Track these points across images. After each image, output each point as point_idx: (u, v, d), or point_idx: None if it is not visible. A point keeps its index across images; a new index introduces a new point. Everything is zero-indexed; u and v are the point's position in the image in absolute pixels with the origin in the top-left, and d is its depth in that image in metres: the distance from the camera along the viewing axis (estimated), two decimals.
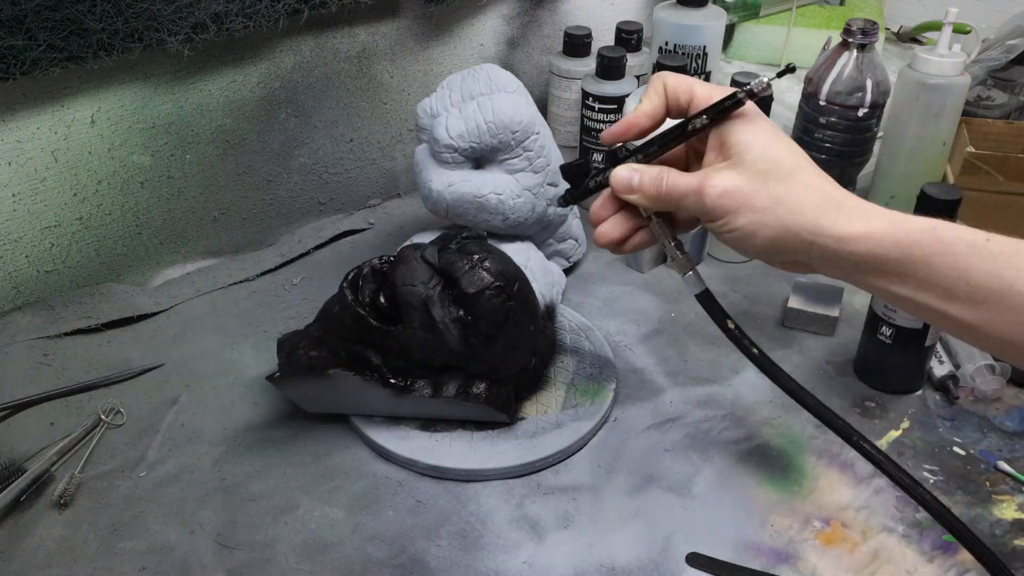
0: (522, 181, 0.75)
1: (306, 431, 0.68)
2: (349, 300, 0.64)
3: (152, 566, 0.57)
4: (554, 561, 0.58)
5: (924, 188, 0.67)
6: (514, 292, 0.63)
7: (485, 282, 0.62)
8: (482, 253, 0.64)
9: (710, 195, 0.49)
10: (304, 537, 0.60)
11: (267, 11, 0.78)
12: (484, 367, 0.65)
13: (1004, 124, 0.92)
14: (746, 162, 0.49)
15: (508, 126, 0.72)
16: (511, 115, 0.72)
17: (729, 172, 0.49)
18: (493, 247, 0.66)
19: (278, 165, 0.90)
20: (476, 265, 0.62)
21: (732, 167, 0.49)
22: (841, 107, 0.82)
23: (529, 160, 0.74)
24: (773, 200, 0.48)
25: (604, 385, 0.71)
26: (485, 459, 0.64)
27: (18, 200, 0.75)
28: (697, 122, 0.51)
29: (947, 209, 0.66)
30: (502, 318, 0.62)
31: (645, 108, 0.53)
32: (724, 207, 0.49)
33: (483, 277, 0.62)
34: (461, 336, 0.62)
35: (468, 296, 0.62)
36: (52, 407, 0.70)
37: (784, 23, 1.12)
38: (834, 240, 0.48)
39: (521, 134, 0.73)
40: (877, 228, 0.47)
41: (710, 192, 0.49)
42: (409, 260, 0.64)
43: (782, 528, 0.61)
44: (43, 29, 0.67)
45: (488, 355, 0.64)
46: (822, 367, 0.76)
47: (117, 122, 0.77)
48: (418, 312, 0.62)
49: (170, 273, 0.87)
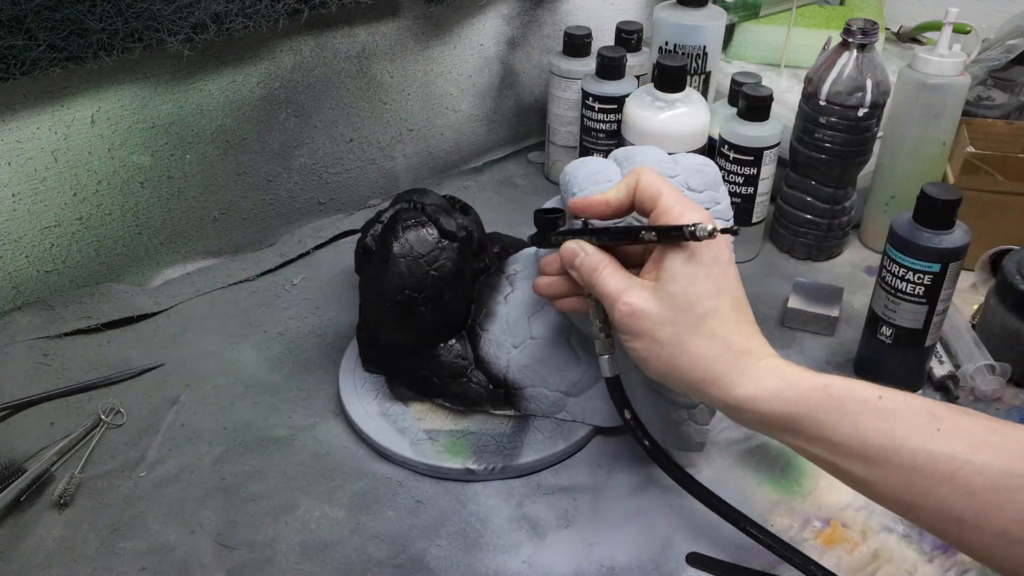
0: None
1: (306, 431, 0.68)
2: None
3: (152, 566, 0.57)
4: (554, 561, 0.58)
5: (924, 188, 0.66)
6: (376, 261, 0.65)
7: (373, 232, 0.67)
8: (407, 225, 0.65)
9: (620, 310, 0.52)
10: (304, 537, 0.60)
11: (267, 11, 0.78)
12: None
13: (1004, 124, 0.92)
14: (665, 292, 0.51)
15: (566, 189, 0.63)
16: (576, 181, 0.62)
17: (646, 295, 0.51)
18: (426, 232, 0.65)
19: (278, 165, 0.90)
20: (395, 229, 0.65)
21: (653, 292, 0.51)
22: (841, 107, 0.82)
23: None
24: (674, 339, 0.51)
25: None
26: (450, 457, 0.64)
27: (18, 200, 0.75)
28: (646, 236, 0.52)
29: (947, 209, 0.66)
30: (359, 262, 0.68)
31: (610, 198, 0.55)
32: (628, 326, 0.52)
33: (376, 231, 0.66)
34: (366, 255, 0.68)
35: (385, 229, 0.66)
36: (52, 407, 0.70)
37: (784, 23, 1.12)
38: (716, 399, 0.51)
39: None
40: (767, 388, 0.49)
41: (620, 308, 0.52)
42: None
43: (782, 528, 0.61)
44: (43, 29, 0.67)
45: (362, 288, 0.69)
46: (822, 367, 0.76)
47: (117, 122, 0.77)
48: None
49: (170, 273, 0.87)
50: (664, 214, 0.52)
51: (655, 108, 0.85)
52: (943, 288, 0.67)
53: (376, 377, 0.71)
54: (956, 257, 0.66)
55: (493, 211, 0.99)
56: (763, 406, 0.49)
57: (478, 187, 1.04)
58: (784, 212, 0.91)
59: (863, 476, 0.46)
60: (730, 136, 0.84)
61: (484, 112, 1.07)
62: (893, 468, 0.45)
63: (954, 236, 0.66)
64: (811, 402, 0.48)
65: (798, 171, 0.88)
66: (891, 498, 0.46)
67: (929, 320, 0.69)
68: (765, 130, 0.83)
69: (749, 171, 0.84)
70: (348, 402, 0.69)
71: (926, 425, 0.45)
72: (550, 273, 0.58)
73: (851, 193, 0.88)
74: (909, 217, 0.68)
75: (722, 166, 0.85)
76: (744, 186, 0.85)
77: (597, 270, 0.53)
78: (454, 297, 0.66)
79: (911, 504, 0.45)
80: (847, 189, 0.87)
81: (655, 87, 0.85)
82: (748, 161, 0.83)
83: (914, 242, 0.66)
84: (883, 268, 0.69)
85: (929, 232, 0.66)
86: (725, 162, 0.85)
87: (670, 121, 0.84)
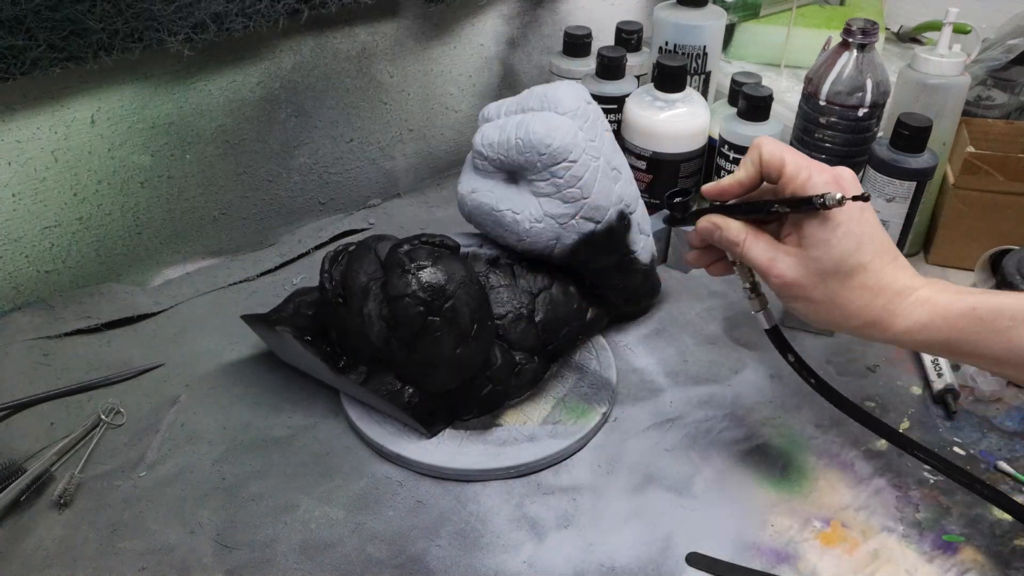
0: (546, 206, 0.69)
1: (306, 431, 0.68)
2: (321, 271, 0.66)
3: (152, 566, 0.57)
4: (554, 561, 0.58)
5: (900, 116, 0.77)
6: (440, 308, 0.61)
7: (408, 289, 0.61)
8: (425, 261, 0.62)
9: (773, 283, 0.56)
10: (304, 537, 0.60)
11: (267, 11, 0.78)
12: (405, 373, 0.65)
13: (1004, 124, 0.92)
14: (810, 257, 0.54)
15: (535, 146, 0.67)
16: (541, 135, 0.67)
17: (794, 263, 0.55)
18: (446, 257, 0.64)
19: (278, 165, 0.90)
20: (410, 271, 0.62)
21: (798, 258, 0.55)
22: (841, 107, 0.82)
23: (556, 187, 0.68)
24: (828, 298, 0.55)
25: (593, 408, 0.69)
26: (485, 459, 0.64)
27: (18, 200, 0.75)
28: (778, 208, 0.55)
29: (920, 135, 0.76)
30: (418, 328, 0.62)
31: (740, 177, 0.58)
32: (783, 293, 0.57)
33: (408, 283, 0.61)
34: (382, 333, 0.63)
35: (390, 298, 0.62)
36: (52, 407, 0.70)
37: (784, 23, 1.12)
38: (879, 338, 0.56)
39: (549, 157, 0.67)
40: (918, 322, 0.54)
41: (773, 281, 0.56)
42: (364, 249, 0.67)
43: (782, 528, 0.61)
44: (43, 29, 0.67)
45: (407, 361, 0.64)
46: (822, 367, 0.76)
47: (117, 122, 0.77)
48: (357, 300, 0.64)
49: (170, 273, 0.87)
50: (791, 181, 0.55)
51: (655, 108, 0.85)
52: (919, 205, 0.79)
53: None
54: (927, 176, 0.78)
55: None
56: (918, 337, 0.54)
57: None
58: None
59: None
60: (730, 136, 0.84)
61: None
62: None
63: (925, 158, 0.78)
64: (960, 327, 0.53)
65: None
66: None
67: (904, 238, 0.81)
68: (765, 130, 0.83)
69: None
70: (350, 406, 0.69)
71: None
72: (694, 247, 0.63)
73: None
74: (887, 143, 0.79)
75: (722, 166, 0.85)
76: None
77: (739, 244, 0.57)
78: (489, 303, 0.68)
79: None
80: None
81: (655, 87, 0.85)
82: None
83: (892, 164, 0.77)
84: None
85: (904, 155, 0.77)
86: (725, 162, 0.85)
87: (670, 121, 0.84)
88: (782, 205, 0.55)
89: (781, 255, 0.55)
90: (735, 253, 0.58)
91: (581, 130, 0.69)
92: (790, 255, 0.55)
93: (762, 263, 0.56)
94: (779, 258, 0.55)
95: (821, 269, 0.54)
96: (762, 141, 0.57)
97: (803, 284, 0.55)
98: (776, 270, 0.55)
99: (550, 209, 0.69)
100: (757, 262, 0.56)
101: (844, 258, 0.53)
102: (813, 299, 0.55)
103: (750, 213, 0.58)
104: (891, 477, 0.65)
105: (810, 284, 0.54)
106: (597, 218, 0.70)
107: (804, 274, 0.54)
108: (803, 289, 0.55)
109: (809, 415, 0.71)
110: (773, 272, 0.55)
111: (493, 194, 0.71)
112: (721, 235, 0.58)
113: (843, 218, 0.53)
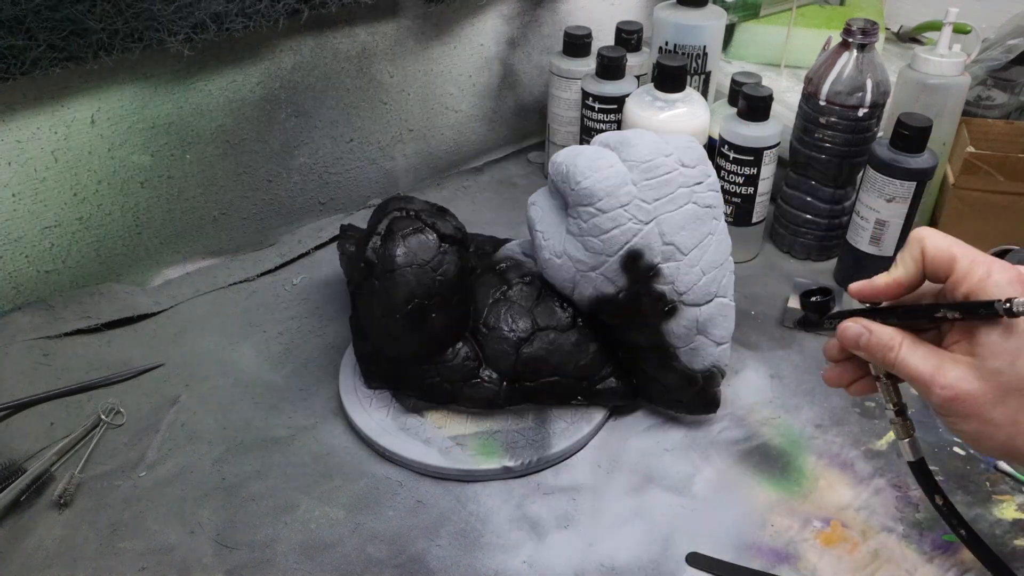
0: (569, 246, 0.65)
1: (306, 431, 0.68)
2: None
3: (152, 566, 0.57)
4: (554, 561, 0.58)
5: (900, 116, 0.77)
6: (380, 274, 0.64)
7: (366, 248, 0.65)
8: (403, 231, 0.64)
9: (939, 395, 0.46)
10: (304, 537, 0.60)
11: (267, 11, 0.78)
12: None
13: (1004, 124, 0.92)
14: (989, 369, 0.45)
15: (569, 179, 0.63)
16: (580, 169, 0.63)
17: (967, 374, 0.46)
18: (423, 238, 0.64)
19: (278, 165, 0.90)
20: (380, 233, 0.65)
21: (972, 369, 0.46)
22: (841, 107, 0.82)
23: (580, 230, 0.63)
24: (1010, 420, 0.45)
25: (494, 459, 0.65)
26: (485, 459, 0.64)
27: (18, 200, 0.75)
28: (947, 314, 0.47)
29: (920, 135, 0.76)
30: (357, 283, 0.66)
31: (899, 276, 0.50)
32: (953, 410, 0.47)
33: (373, 243, 0.65)
34: (345, 275, 0.71)
35: (359, 249, 0.67)
36: (52, 407, 0.70)
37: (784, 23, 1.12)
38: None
39: (576, 196, 0.63)
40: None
41: (939, 392, 0.46)
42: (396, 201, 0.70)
43: (782, 528, 0.61)
44: (43, 29, 0.67)
45: (356, 309, 0.68)
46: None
47: (117, 122, 0.77)
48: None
49: (170, 273, 0.87)
50: (964, 280, 0.46)
51: (655, 108, 0.85)
52: (919, 205, 0.79)
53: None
54: (927, 177, 0.78)
55: (493, 211, 0.99)
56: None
57: (478, 187, 1.04)
58: (784, 212, 0.91)
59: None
60: (730, 136, 0.84)
61: (484, 112, 1.07)
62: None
63: (925, 158, 0.78)
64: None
65: (798, 171, 0.88)
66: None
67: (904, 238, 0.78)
68: (765, 130, 0.83)
69: (749, 171, 0.84)
70: (350, 406, 0.69)
71: None
72: (831, 359, 0.55)
73: (851, 193, 0.88)
74: (887, 143, 0.79)
75: (722, 166, 0.85)
76: (744, 186, 0.85)
77: (893, 350, 0.48)
78: (460, 300, 0.66)
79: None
80: (847, 189, 0.87)
81: (655, 87, 0.85)
82: (748, 161, 0.83)
83: (892, 164, 0.77)
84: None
85: (904, 155, 0.77)
86: (725, 162, 0.85)
87: (670, 121, 0.84)
88: (952, 310, 0.46)
89: (949, 364, 0.46)
90: (887, 361, 0.49)
91: (634, 184, 0.62)
92: (960, 364, 0.46)
93: (924, 373, 0.47)
94: (947, 368, 0.46)
95: (1003, 384, 0.45)
96: (925, 234, 0.48)
97: (978, 400, 0.45)
98: (943, 380, 0.46)
99: (571, 250, 0.65)
100: (917, 372, 0.47)
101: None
102: (990, 420, 0.46)
103: (907, 318, 0.49)
104: (891, 477, 0.65)
105: (988, 401, 0.45)
106: (620, 284, 0.64)
107: (980, 388, 0.45)
108: (978, 406, 0.45)
109: (809, 415, 0.71)
110: (939, 383, 0.46)
111: (542, 213, 0.69)
112: (870, 340, 0.49)
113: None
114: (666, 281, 0.64)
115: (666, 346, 0.65)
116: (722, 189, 0.79)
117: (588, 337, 0.67)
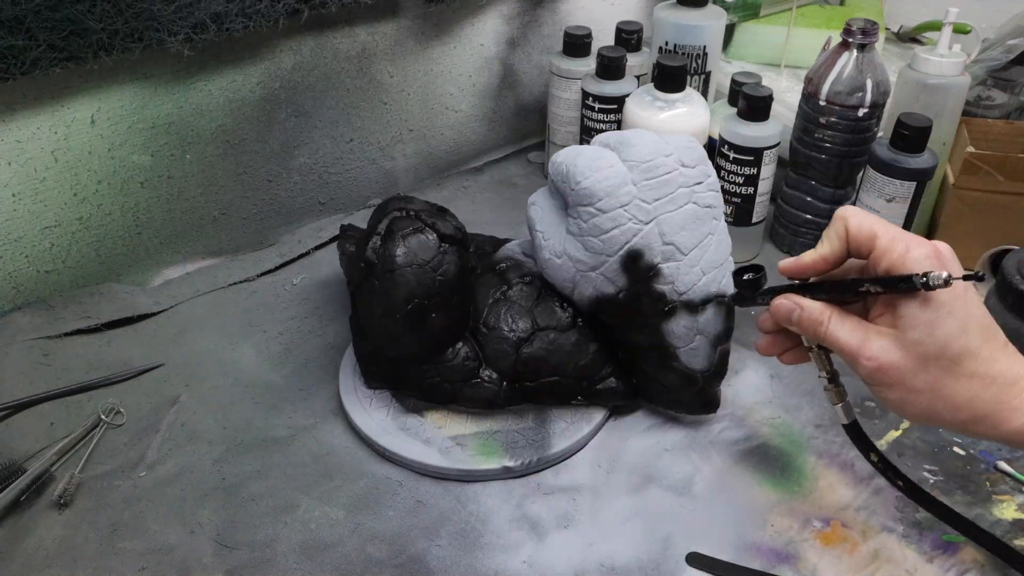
0: (569, 246, 0.65)
1: (306, 431, 0.68)
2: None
3: (152, 566, 0.57)
4: (554, 561, 0.58)
5: (900, 116, 0.78)
6: (380, 274, 0.64)
7: (366, 248, 0.65)
8: (403, 231, 0.64)
9: (865, 366, 0.49)
10: (304, 537, 0.60)
11: (267, 11, 0.78)
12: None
13: (1004, 124, 0.92)
14: (910, 340, 0.48)
15: (569, 179, 0.63)
16: (580, 169, 0.63)
17: (889, 345, 0.49)
18: (423, 238, 0.64)
19: (278, 165, 0.90)
20: (380, 233, 0.65)
21: (894, 340, 0.49)
22: (841, 107, 0.82)
23: (580, 230, 0.63)
24: (929, 386, 0.48)
25: (494, 459, 0.65)
26: (485, 459, 0.64)
27: (18, 200, 0.75)
28: (870, 288, 0.49)
29: (920, 135, 0.77)
30: (357, 283, 0.66)
31: (823, 252, 0.52)
32: (877, 379, 0.49)
33: (373, 244, 0.65)
34: (346, 275, 0.71)
35: (359, 249, 0.66)
36: (52, 407, 0.70)
37: (784, 23, 1.12)
38: (988, 435, 0.49)
39: (576, 196, 0.63)
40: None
41: (865, 364, 0.49)
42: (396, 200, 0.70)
43: (782, 528, 0.61)
44: (43, 29, 0.67)
45: (356, 309, 0.68)
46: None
47: (117, 122, 0.77)
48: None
49: (170, 273, 0.87)
50: (885, 255, 0.49)
51: (655, 108, 0.85)
52: (919, 205, 0.80)
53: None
54: (927, 177, 0.78)
55: (493, 211, 0.99)
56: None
57: (478, 187, 1.04)
58: (784, 212, 0.91)
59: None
60: (730, 136, 0.84)
61: (484, 112, 1.08)
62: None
63: (925, 158, 0.78)
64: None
65: (798, 171, 0.88)
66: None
67: None
68: (765, 130, 0.83)
69: (749, 171, 0.84)
70: (350, 406, 0.69)
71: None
72: (766, 331, 0.57)
73: (851, 193, 0.88)
74: (887, 143, 0.79)
75: (722, 166, 0.85)
76: (744, 186, 0.85)
77: (822, 324, 0.51)
78: (460, 300, 0.66)
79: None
80: (847, 189, 0.87)
81: (655, 87, 0.85)
82: (748, 161, 0.83)
83: (893, 164, 0.78)
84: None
85: (904, 156, 0.78)
86: (725, 162, 0.85)
87: (670, 121, 0.84)
88: (875, 284, 0.49)
89: (873, 336, 0.49)
90: (817, 335, 0.52)
91: (634, 184, 0.62)
92: (884, 336, 0.49)
93: (851, 345, 0.50)
94: (871, 339, 0.49)
95: (922, 353, 0.48)
96: (847, 212, 0.51)
97: (900, 369, 0.48)
98: (868, 352, 0.49)
99: (571, 250, 0.65)
100: (845, 344, 0.50)
101: (948, 342, 0.47)
102: (912, 387, 0.48)
103: (834, 292, 0.52)
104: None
105: (909, 370, 0.48)
106: (620, 284, 0.64)
107: (902, 358, 0.48)
108: (900, 375, 0.48)
109: (809, 415, 0.71)
110: (864, 355, 0.49)
111: (542, 213, 0.69)
112: (801, 315, 0.52)
113: (947, 298, 0.47)
114: (666, 281, 0.64)
115: (666, 346, 0.65)
116: (722, 189, 0.79)
117: (588, 337, 0.67)
